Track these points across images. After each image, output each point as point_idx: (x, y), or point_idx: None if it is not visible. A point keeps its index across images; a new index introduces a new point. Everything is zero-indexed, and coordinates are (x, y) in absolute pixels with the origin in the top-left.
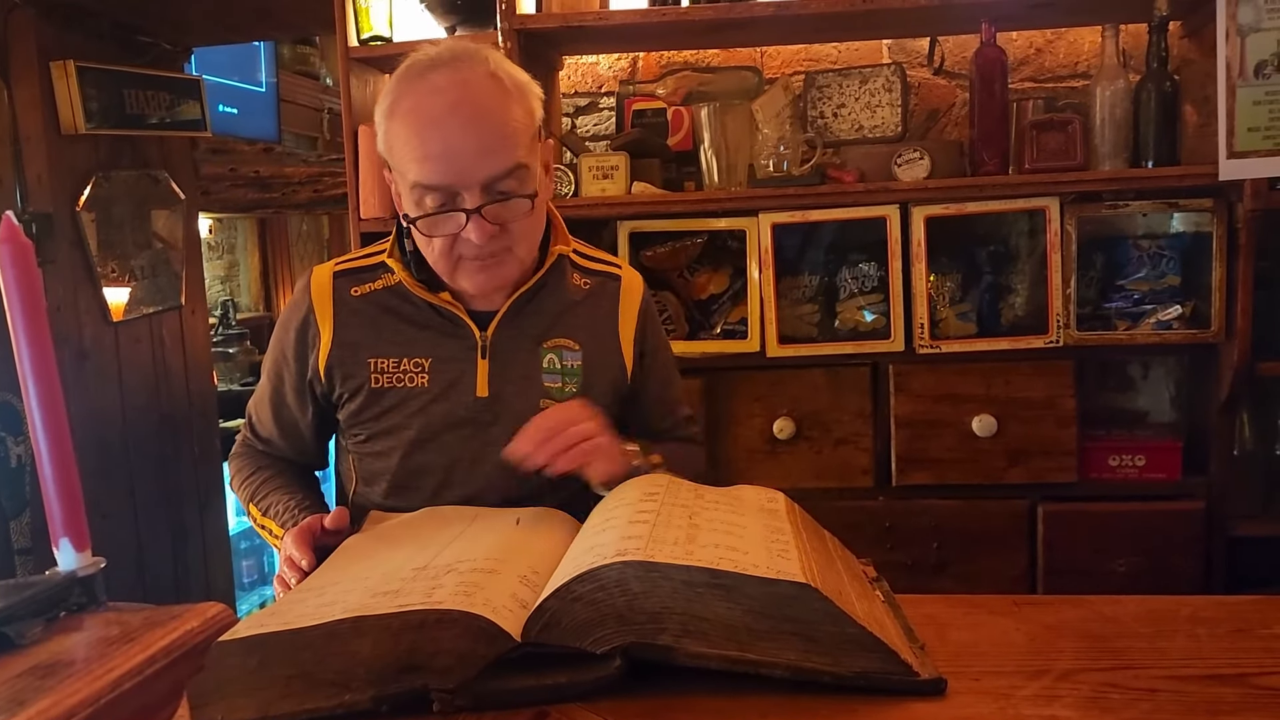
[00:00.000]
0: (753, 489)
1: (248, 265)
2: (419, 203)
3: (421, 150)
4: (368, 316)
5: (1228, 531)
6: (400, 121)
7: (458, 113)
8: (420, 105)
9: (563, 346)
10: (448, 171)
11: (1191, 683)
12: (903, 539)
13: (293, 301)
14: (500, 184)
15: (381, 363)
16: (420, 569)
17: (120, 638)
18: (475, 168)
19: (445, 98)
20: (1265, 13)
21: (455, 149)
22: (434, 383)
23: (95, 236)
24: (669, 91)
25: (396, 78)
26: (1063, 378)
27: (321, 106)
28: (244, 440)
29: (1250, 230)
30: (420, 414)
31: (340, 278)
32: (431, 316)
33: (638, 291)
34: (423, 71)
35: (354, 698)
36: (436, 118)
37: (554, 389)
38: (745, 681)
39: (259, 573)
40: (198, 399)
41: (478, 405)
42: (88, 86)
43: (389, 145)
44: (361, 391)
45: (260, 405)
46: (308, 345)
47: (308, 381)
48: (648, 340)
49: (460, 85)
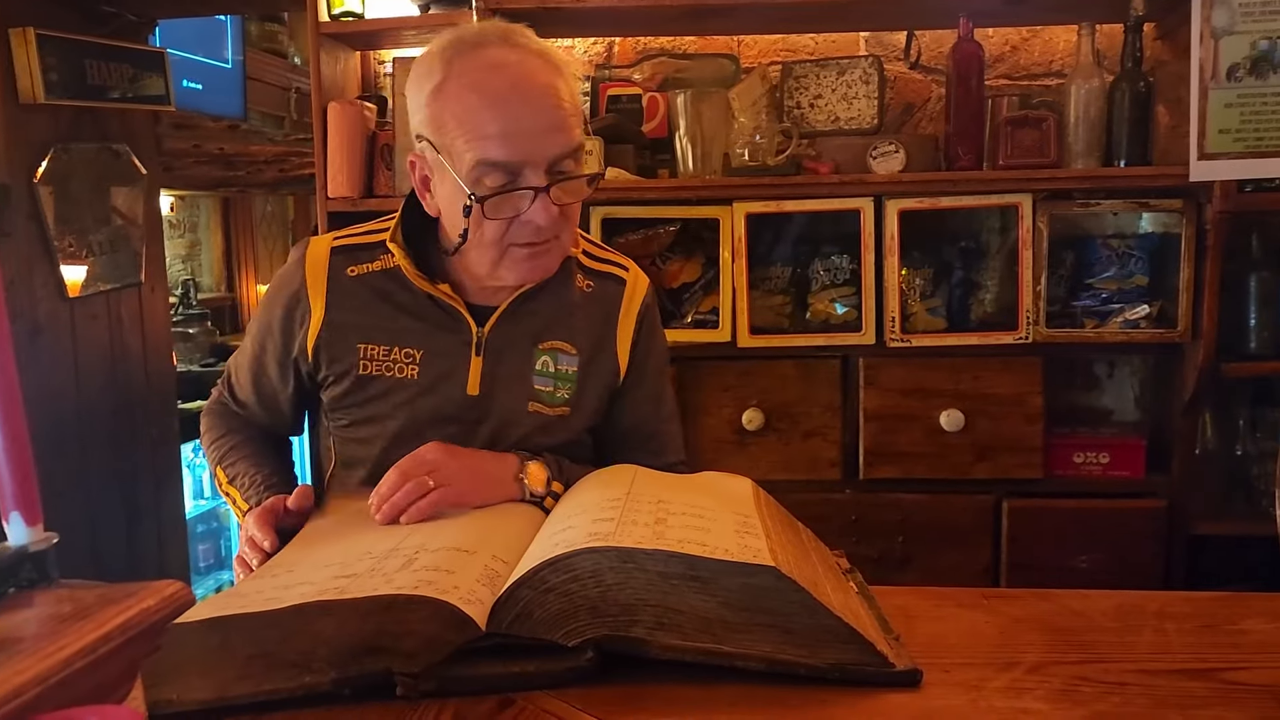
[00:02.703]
0: (720, 475)
1: (210, 245)
2: (476, 183)
3: (489, 127)
4: (362, 299)
5: (1188, 529)
6: (456, 99)
7: (521, 88)
8: (482, 81)
9: (559, 350)
10: (517, 149)
11: (1160, 677)
12: (868, 532)
13: (286, 271)
14: (562, 163)
15: (371, 349)
16: (390, 550)
17: (72, 615)
18: (544, 145)
19: (507, 73)
20: (1239, 16)
21: (524, 126)
22: (424, 375)
23: (53, 210)
24: (645, 77)
25: (440, 55)
26: (1031, 374)
27: (289, 85)
28: (219, 398)
29: (1218, 232)
30: (406, 406)
31: (337, 254)
32: (428, 307)
33: (640, 295)
34: (472, 48)
35: (315, 679)
36: (502, 93)
37: (544, 392)
38: (716, 671)
39: (215, 556)
40: (156, 379)
41: (466, 402)
42: (48, 55)
43: (440, 123)
44: (348, 376)
45: (240, 369)
46: (296, 321)
47: (293, 358)
48: (641, 345)
49: (517, 63)
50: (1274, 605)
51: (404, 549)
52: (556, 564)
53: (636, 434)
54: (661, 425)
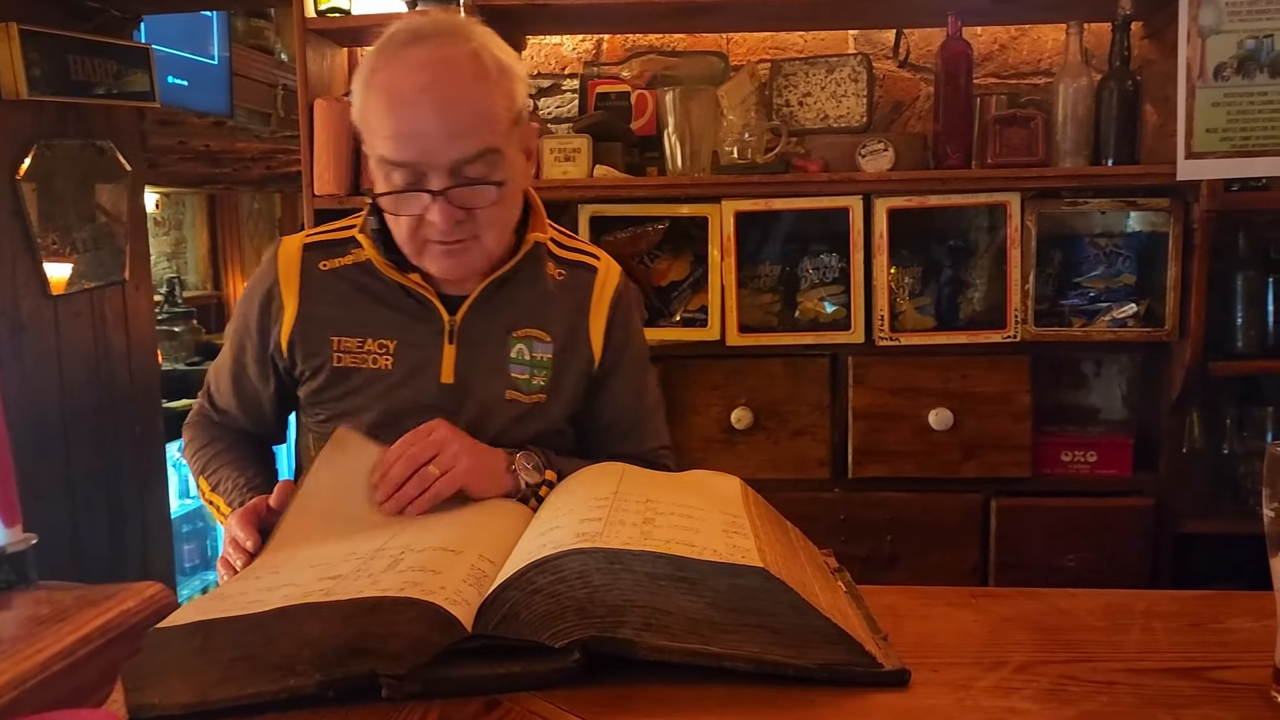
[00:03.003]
0: (708, 474)
1: (196, 243)
2: (386, 178)
3: (391, 127)
4: (335, 293)
5: (1176, 528)
6: (374, 94)
7: (430, 92)
8: (395, 80)
9: (533, 337)
10: (413, 150)
11: (1148, 675)
12: (857, 531)
13: (259, 271)
14: (468, 168)
15: (345, 342)
16: (376, 550)
17: (51, 617)
18: (442, 149)
19: (420, 75)
20: (1226, 15)
21: (424, 129)
22: (398, 366)
23: (36, 207)
24: (634, 75)
25: (377, 48)
26: (1019, 373)
27: (275, 82)
28: (200, 409)
29: (1205, 231)
30: (382, 397)
31: (310, 250)
32: (401, 297)
33: (612, 283)
34: (402, 45)
35: (299, 682)
36: (409, 95)
37: (521, 380)
38: (704, 672)
39: (201, 557)
40: (140, 377)
41: (442, 392)
42: (31, 51)
43: (363, 117)
44: (323, 370)
45: (220, 375)
46: (270, 317)
47: (269, 355)
48: (615, 333)
49: (438, 63)
50: (1260, 604)
51: (390, 549)
52: (544, 565)
53: (619, 424)
54: (644, 415)
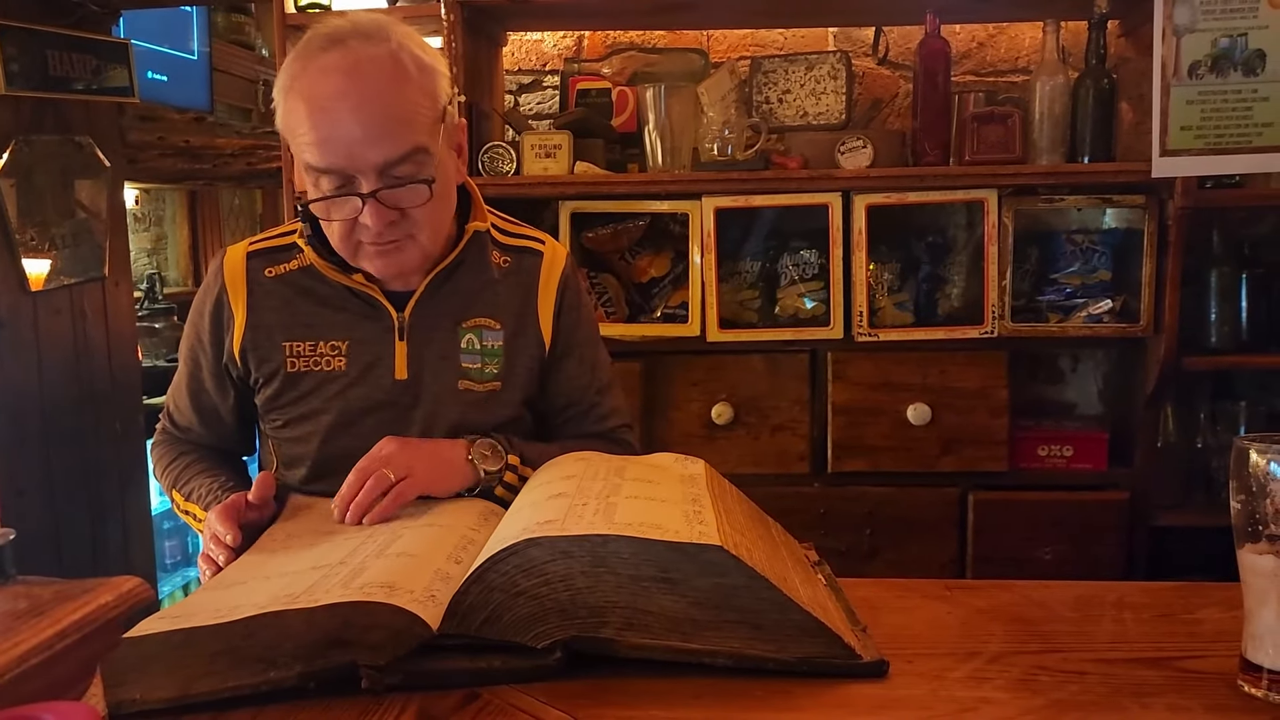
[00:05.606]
0: (671, 456)
1: (176, 239)
2: (315, 184)
3: (313, 134)
4: (282, 298)
5: (1150, 521)
6: (295, 101)
7: (348, 96)
8: (312, 86)
9: (483, 326)
10: (338, 155)
11: (1118, 665)
12: (836, 525)
13: (205, 283)
14: (396, 169)
15: (297, 346)
16: (339, 563)
17: (28, 611)
18: (366, 153)
19: (336, 80)
20: (1200, 14)
21: (346, 133)
22: (351, 366)
23: (14, 203)
24: (614, 71)
25: (294, 53)
26: (996, 368)
27: (256, 78)
28: (163, 429)
29: (1180, 227)
30: (338, 398)
31: (254, 258)
32: (347, 298)
33: (559, 266)
34: (317, 50)
35: (280, 675)
36: (328, 100)
37: (473, 370)
38: (683, 665)
39: (182, 553)
40: (120, 374)
41: (397, 388)
42: (8, 46)
43: (287, 124)
44: (277, 376)
45: (178, 393)
46: (222, 327)
47: (224, 365)
48: (565, 315)
49: (352, 67)
50: (1230, 595)
51: (352, 562)
52: (508, 558)
53: (577, 405)
54: (601, 394)
